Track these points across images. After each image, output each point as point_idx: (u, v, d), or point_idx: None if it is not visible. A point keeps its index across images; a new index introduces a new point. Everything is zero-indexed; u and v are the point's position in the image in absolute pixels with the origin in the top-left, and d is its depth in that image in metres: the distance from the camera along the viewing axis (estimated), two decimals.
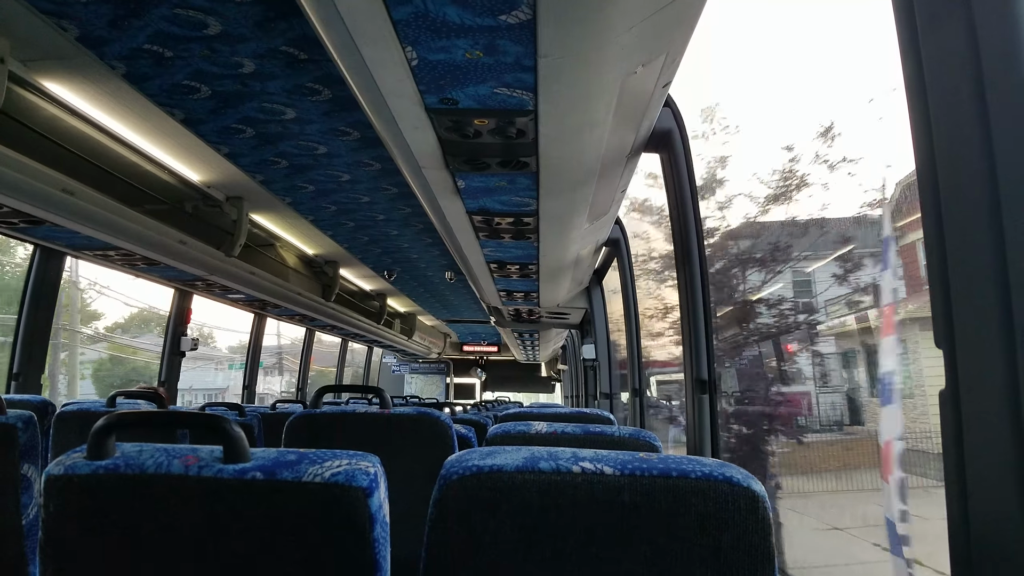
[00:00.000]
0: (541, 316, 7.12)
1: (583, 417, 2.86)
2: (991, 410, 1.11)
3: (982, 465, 1.13)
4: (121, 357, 22.10)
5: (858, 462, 9.28)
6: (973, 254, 1.14)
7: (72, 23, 2.43)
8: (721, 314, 8.24)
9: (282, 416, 3.56)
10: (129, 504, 1.13)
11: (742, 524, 1.02)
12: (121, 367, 21.78)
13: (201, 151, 3.71)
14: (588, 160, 2.52)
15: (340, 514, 1.09)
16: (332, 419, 2.42)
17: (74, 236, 3.78)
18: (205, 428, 1.19)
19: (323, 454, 1.15)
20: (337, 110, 3.23)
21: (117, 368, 21.78)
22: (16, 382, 4.08)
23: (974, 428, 1.14)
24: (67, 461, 1.16)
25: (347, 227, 5.60)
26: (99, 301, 20.51)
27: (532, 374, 17.80)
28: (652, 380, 10.54)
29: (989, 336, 1.11)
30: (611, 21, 1.62)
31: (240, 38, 2.54)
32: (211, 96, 3.05)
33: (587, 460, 1.08)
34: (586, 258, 4.83)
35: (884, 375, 6.51)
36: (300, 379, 9.12)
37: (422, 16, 1.61)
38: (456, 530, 1.08)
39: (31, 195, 3.09)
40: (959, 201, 1.16)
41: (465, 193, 2.93)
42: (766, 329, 8.08)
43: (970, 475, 1.15)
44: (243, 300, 6.39)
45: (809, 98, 21.08)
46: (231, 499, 1.11)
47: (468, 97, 2.03)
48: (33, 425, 2.00)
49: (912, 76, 1.23)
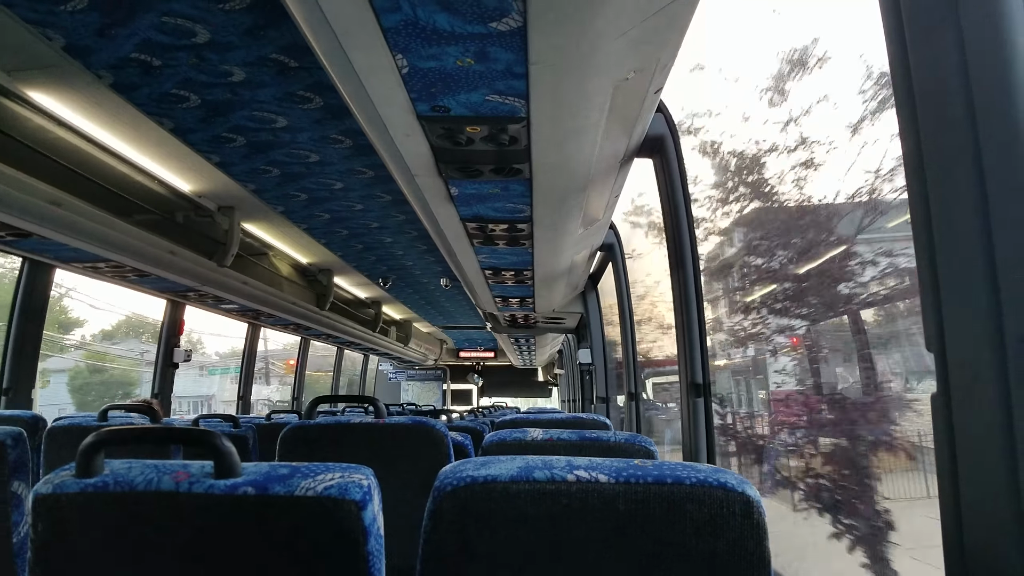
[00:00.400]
0: (537, 321, 7.11)
1: (579, 423, 2.85)
2: (983, 414, 1.11)
3: (974, 469, 1.13)
4: (99, 366, 21.54)
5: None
6: (963, 260, 1.14)
7: (58, 32, 2.41)
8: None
9: (277, 427, 3.54)
10: (119, 522, 1.11)
11: (737, 530, 1.02)
12: (99, 375, 21.28)
13: (191, 160, 3.70)
14: (581, 166, 2.51)
15: (333, 528, 1.08)
16: (327, 430, 2.40)
17: (63, 248, 3.76)
18: (194, 443, 1.17)
19: (315, 467, 1.14)
20: (329, 118, 3.22)
21: (95, 376, 21.22)
22: (6, 397, 4.04)
23: (965, 432, 1.14)
24: (55, 480, 1.14)
25: (341, 235, 5.59)
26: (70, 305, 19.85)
27: (529, 379, 17.83)
28: (650, 382, 10.36)
29: (980, 340, 1.10)
30: (602, 28, 1.62)
31: (229, 46, 2.53)
32: (201, 105, 3.04)
33: (582, 468, 1.08)
34: (581, 263, 4.83)
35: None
36: (295, 388, 9.09)
37: (412, 23, 1.60)
38: (451, 541, 1.07)
39: (18, 208, 3.07)
40: (949, 206, 1.16)
41: (458, 200, 2.93)
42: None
43: (962, 479, 1.14)
44: (236, 310, 6.37)
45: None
46: (223, 515, 1.09)
47: (460, 104, 2.03)
48: (23, 442, 1.98)
49: (901, 85, 1.23)
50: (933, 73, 1.18)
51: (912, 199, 1.23)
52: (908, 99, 1.23)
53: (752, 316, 6.48)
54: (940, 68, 1.17)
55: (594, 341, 6.20)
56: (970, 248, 1.12)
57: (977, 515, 1.13)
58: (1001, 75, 1.10)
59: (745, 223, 6.76)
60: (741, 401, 7.79)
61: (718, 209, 6.87)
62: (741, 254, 7.08)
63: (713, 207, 6.87)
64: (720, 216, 6.90)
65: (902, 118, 1.25)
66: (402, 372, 17.12)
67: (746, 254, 6.90)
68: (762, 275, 6.37)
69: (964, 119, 1.13)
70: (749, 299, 6.70)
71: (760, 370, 7.16)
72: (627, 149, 2.69)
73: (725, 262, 7.47)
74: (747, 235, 6.81)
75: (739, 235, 6.98)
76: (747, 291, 6.85)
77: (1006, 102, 1.10)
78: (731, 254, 7.36)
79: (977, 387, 1.12)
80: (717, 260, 7.54)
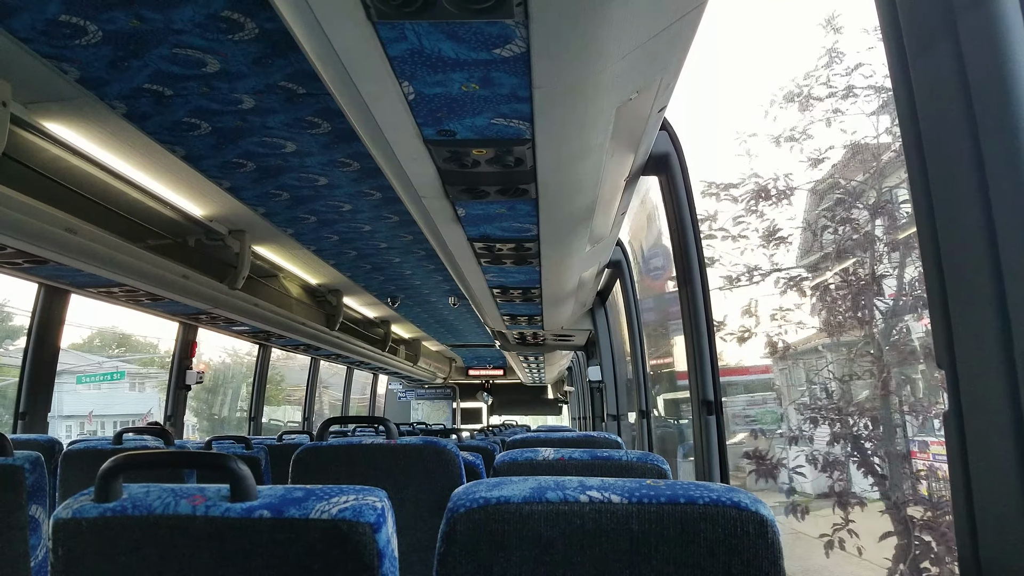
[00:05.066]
0: (546, 339, 7.11)
1: (590, 442, 2.85)
2: (994, 430, 1.11)
3: (988, 485, 1.13)
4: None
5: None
6: (971, 275, 1.14)
7: (72, 65, 2.47)
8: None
9: (289, 448, 3.55)
10: (138, 546, 1.13)
11: (751, 549, 1.02)
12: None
13: (203, 186, 3.74)
14: (587, 186, 2.54)
15: (348, 551, 1.09)
16: (338, 451, 2.41)
17: (78, 274, 3.80)
18: (211, 468, 1.19)
19: (330, 490, 1.15)
20: (337, 142, 3.26)
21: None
22: (23, 421, 4.07)
23: (978, 448, 1.14)
24: (75, 504, 1.16)
25: (349, 256, 5.62)
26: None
27: (538, 396, 17.73)
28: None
29: (990, 356, 1.11)
30: (605, 49, 1.64)
31: (239, 75, 2.58)
32: (211, 132, 3.08)
33: (594, 489, 1.08)
34: (589, 280, 4.84)
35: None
36: (306, 409, 9.08)
37: (417, 52, 1.63)
38: (465, 563, 1.07)
39: (35, 235, 3.12)
40: (955, 223, 1.17)
41: (465, 221, 2.95)
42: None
43: (976, 495, 1.14)
44: (247, 332, 6.40)
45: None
46: (239, 538, 1.11)
47: (465, 128, 2.05)
48: (40, 466, 2.00)
49: (903, 101, 1.24)
50: (933, 84, 1.20)
51: (918, 215, 1.24)
52: (911, 118, 1.24)
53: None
54: (940, 79, 1.18)
55: (604, 358, 6.19)
56: (978, 265, 1.13)
57: (992, 530, 1.13)
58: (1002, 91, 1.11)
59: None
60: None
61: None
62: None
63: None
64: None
65: (905, 136, 1.26)
66: (411, 391, 17.09)
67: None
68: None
69: (968, 137, 1.14)
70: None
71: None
72: (632, 168, 2.71)
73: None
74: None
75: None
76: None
77: (1008, 118, 1.11)
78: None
79: (988, 403, 1.12)
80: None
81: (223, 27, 2.27)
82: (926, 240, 1.21)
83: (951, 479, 1.20)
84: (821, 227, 5.81)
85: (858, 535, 5.16)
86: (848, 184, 5.71)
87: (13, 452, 2.00)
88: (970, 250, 1.14)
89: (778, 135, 6.01)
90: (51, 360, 4.24)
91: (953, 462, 1.18)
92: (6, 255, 3.37)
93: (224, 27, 2.27)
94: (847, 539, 5.18)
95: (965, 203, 1.15)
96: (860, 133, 5.79)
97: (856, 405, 5.52)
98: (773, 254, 6.10)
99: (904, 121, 1.26)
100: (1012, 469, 1.08)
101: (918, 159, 1.22)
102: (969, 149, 1.13)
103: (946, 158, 1.18)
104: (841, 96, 5.74)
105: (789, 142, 5.98)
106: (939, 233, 1.19)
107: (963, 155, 1.14)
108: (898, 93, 1.26)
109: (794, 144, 5.97)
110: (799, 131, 5.96)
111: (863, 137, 5.73)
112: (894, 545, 4.92)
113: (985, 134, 1.11)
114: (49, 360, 4.23)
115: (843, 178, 5.78)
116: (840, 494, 5.29)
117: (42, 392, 4.18)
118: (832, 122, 5.83)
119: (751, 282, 6.12)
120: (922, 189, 1.22)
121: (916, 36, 1.22)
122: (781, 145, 6.03)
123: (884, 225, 5.59)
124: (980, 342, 1.13)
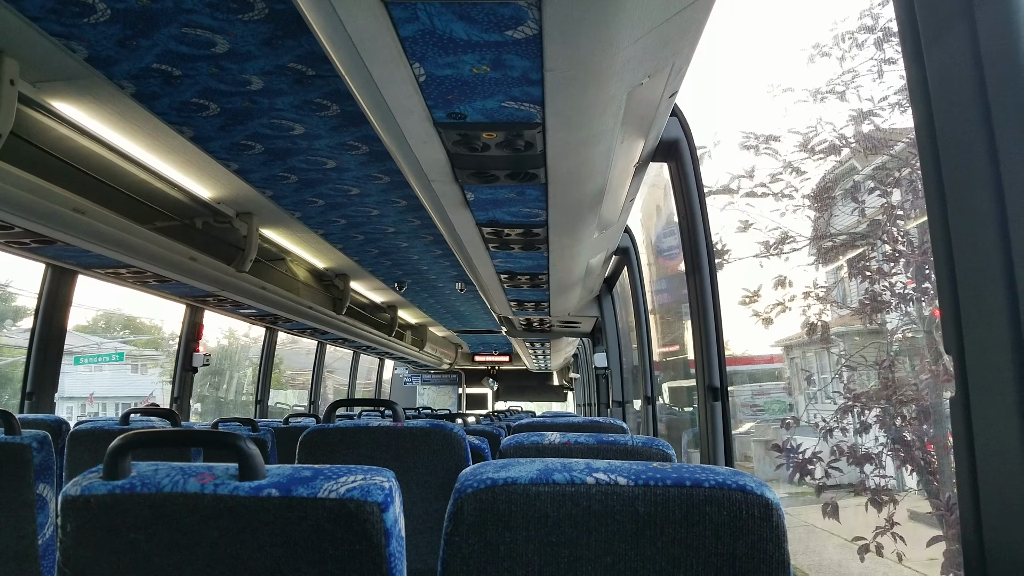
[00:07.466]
0: (552, 325, 7.10)
1: (596, 427, 2.86)
2: (1001, 416, 1.11)
3: (994, 472, 1.13)
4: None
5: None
6: (980, 262, 1.14)
7: (81, 44, 2.46)
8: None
9: (295, 430, 3.57)
10: (146, 523, 1.14)
11: (756, 532, 1.02)
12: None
13: (211, 168, 3.74)
14: (596, 171, 2.52)
15: (356, 530, 1.10)
16: (345, 433, 2.42)
17: (86, 255, 3.82)
18: (219, 446, 1.20)
19: (338, 470, 1.15)
20: (345, 125, 3.25)
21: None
22: (30, 401, 4.11)
23: (984, 433, 1.14)
24: (83, 482, 1.17)
25: (357, 240, 5.62)
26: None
27: (544, 383, 17.78)
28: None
29: (997, 342, 1.11)
30: (617, 33, 1.63)
31: (248, 56, 2.57)
32: (220, 113, 3.08)
33: (601, 471, 1.09)
34: (596, 267, 4.83)
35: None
36: (312, 392, 9.13)
37: (429, 33, 1.62)
38: (472, 543, 1.08)
39: (42, 215, 3.13)
40: (966, 209, 1.17)
41: (474, 205, 2.94)
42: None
43: (982, 482, 1.15)
44: (254, 315, 6.43)
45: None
46: (247, 516, 1.12)
47: (476, 111, 2.04)
48: (48, 445, 2.02)
49: (916, 87, 1.23)
50: (948, 71, 1.19)
51: (930, 204, 1.23)
52: (924, 104, 1.23)
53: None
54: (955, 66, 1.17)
55: (610, 345, 6.19)
56: (988, 252, 1.12)
57: (997, 517, 1.13)
58: (1016, 77, 1.10)
59: None
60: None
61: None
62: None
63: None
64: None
65: (918, 123, 1.25)
66: (417, 376, 17.15)
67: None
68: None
69: (981, 123, 1.13)
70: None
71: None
72: (642, 153, 2.69)
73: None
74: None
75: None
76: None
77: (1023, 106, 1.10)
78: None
79: (996, 390, 1.12)
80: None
81: (233, 7, 2.26)
82: (936, 226, 1.21)
83: (956, 465, 1.20)
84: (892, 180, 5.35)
85: (904, 539, 4.72)
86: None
87: (21, 431, 2.02)
88: (981, 237, 1.14)
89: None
90: (58, 341, 4.27)
91: (959, 448, 1.19)
92: (14, 235, 3.38)
93: (234, 7, 2.26)
94: (887, 544, 4.79)
95: (977, 189, 1.14)
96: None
97: (906, 390, 5.13)
98: (819, 217, 5.70)
99: (917, 108, 1.25)
100: (1018, 455, 1.08)
101: (930, 145, 1.22)
102: (983, 136, 1.12)
103: (959, 145, 1.17)
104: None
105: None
106: (950, 219, 1.19)
107: (976, 142, 1.13)
108: (911, 80, 1.24)
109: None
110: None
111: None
112: (943, 551, 4.49)
113: (999, 121, 1.11)
114: (56, 341, 4.26)
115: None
116: (875, 491, 4.93)
117: (49, 372, 4.21)
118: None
119: (794, 250, 5.78)
120: (933, 175, 1.21)
121: (930, 22, 1.21)
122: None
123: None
124: (990, 329, 1.12)
